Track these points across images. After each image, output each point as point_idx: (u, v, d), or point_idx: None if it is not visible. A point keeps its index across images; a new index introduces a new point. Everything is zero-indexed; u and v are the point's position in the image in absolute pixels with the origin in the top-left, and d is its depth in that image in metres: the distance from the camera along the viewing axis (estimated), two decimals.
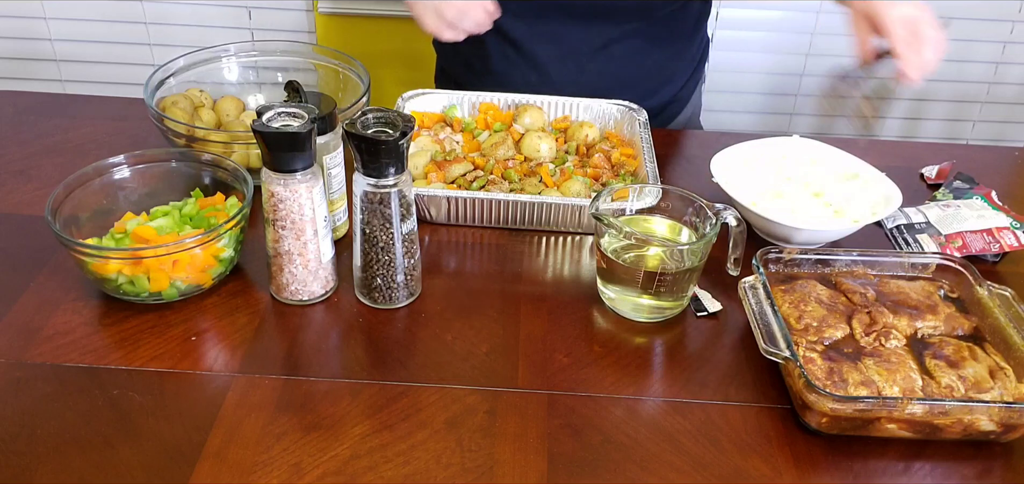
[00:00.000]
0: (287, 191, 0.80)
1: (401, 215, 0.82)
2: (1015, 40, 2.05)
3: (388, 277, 0.85)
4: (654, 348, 0.84)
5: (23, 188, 1.04)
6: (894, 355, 0.77)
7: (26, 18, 2.04)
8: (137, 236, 0.85)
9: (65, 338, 0.81)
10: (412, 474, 0.69)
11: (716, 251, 0.88)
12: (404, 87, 1.18)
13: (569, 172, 1.04)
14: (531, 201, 0.96)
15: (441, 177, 1.01)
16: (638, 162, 1.06)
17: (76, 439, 0.70)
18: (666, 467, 0.71)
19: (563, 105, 1.16)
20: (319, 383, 0.77)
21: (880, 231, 1.03)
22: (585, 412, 0.75)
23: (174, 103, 1.08)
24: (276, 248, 0.83)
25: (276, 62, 1.20)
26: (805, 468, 0.71)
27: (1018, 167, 1.23)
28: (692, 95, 1.35)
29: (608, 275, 0.87)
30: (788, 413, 0.76)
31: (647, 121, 1.10)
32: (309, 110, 0.81)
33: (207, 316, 0.85)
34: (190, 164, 0.95)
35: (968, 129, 2.20)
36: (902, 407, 0.70)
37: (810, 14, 2.01)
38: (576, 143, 1.11)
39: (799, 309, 0.81)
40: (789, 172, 1.07)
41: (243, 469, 0.68)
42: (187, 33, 2.04)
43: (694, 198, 0.88)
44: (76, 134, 1.16)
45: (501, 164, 1.05)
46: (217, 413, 0.73)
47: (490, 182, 1.01)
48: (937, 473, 0.72)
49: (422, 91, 1.16)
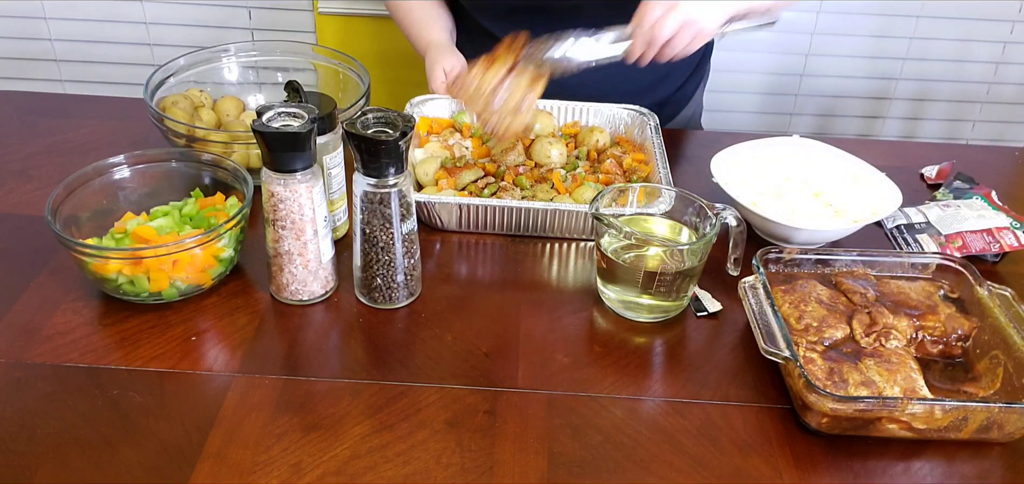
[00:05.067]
0: (287, 191, 0.80)
1: (401, 215, 0.82)
2: (1015, 40, 2.04)
3: (388, 277, 0.85)
4: (654, 348, 0.84)
5: (23, 188, 1.04)
6: (894, 355, 0.77)
7: (26, 18, 2.04)
8: (137, 236, 0.85)
9: (65, 338, 0.81)
10: (412, 474, 0.69)
11: (716, 251, 0.88)
12: (404, 87, 1.19)
13: (581, 178, 1.03)
14: (544, 208, 0.95)
15: (451, 184, 1.01)
16: (650, 167, 1.05)
17: (76, 439, 0.70)
18: (666, 467, 0.71)
19: (572, 110, 1.16)
20: (319, 383, 0.77)
21: (880, 231, 1.03)
22: (585, 412, 0.75)
23: (174, 103, 1.08)
24: (276, 248, 0.83)
25: (276, 62, 1.20)
26: (805, 468, 0.71)
27: (1018, 167, 1.23)
28: (693, 95, 1.35)
29: (608, 275, 0.87)
30: (788, 413, 0.76)
31: (658, 125, 1.10)
32: (309, 110, 0.81)
33: (207, 316, 0.84)
34: (190, 164, 0.95)
35: (968, 129, 2.20)
36: (902, 407, 0.70)
37: (810, 14, 2.01)
38: (586, 148, 1.11)
39: (799, 309, 0.81)
40: (789, 172, 1.07)
41: (243, 469, 0.68)
42: (187, 33, 2.03)
43: (694, 198, 0.88)
44: (76, 134, 1.16)
45: (512, 170, 1.04)
46: (217, 413, 0.73)
47: (501, 189, 1.01)
48: (937, 473, 0.72)
49: (431, 96, 1.16)
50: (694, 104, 1.37)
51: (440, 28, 1.26)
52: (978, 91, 2.13)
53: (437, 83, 1.17)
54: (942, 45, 2.04)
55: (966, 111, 2.16)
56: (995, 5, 1.99)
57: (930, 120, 2.17)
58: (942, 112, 2.16)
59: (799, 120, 2.16)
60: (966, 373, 0.80)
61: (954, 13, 2.00)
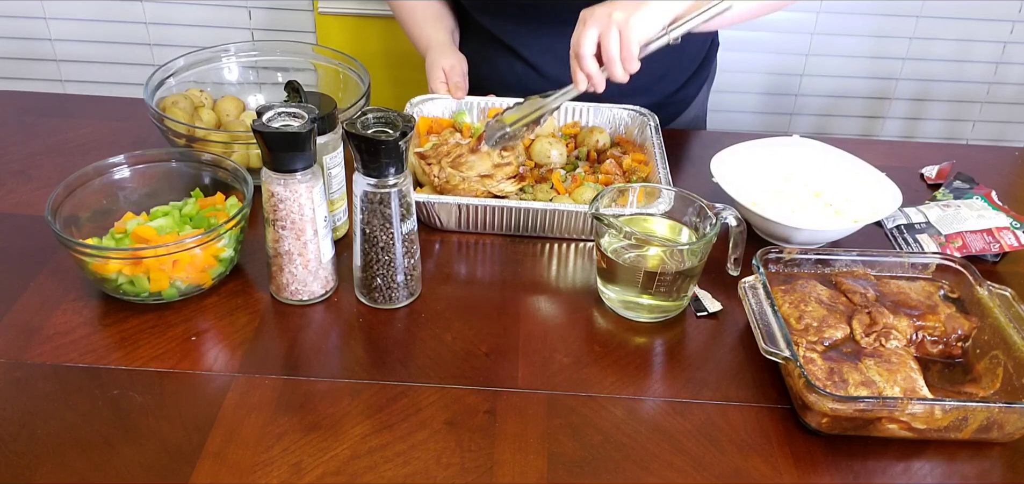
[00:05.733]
0: (287, 191, 0.80)
1: (401, 215, 0.82)
2: (1015, 40, 2.04)
3: (388, 277, 0.85)
4: (654, 348, 0.84)
5: (23, 188, 1.04)
6: (894, 355, 0.77)
7: (26, 18, 2.04)
8: (137, 236, 0.85)
9: (65, 338, 0.81)
10: (412, 474, 0.69)
11: (716, 251, 0.88)
12: (404, 87, 1.19)
13: (580, 178, 1.03)
14: (543, 209, 0.95)
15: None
16: (650, 168, 1.05)
17: (76, 439, 0.70)
18: (666, 467, 0.71)
19: (573, 110, 1.16)
20: (319, 383, 0.77)
21: (880, 231, 1.03)
22: (585, 412, 0.75)
23: (174, 103, 1.08)
24: (276, 248, 0.83)
25: (276, 62, 1.20)
26: (805, 468, 0.71)
27: (1018, 167, 1.23)
28: (696, 97, 1.34)
29: (608, 275, 0.87)
30: (788, 413, 0.76)
31: (658, 126, 1.10)
32: (309, 110, 0.81)
33: (207, 316, 0.84)
34: (190, 164, 0.95)
35: (968, 129, 2.19)
36: (902, 407, 0.70)
37: (810, 14, 2.00)
38: (586, 149, 1.10)
39: (799, 309, 0.81)
40: (789, 172, 1.07)
41: (243, 469, 0.68)
42: (187, 33, 2.03)
43: (694, 198, 0.88)
44: (76, 134, 1.16)
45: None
46: (217, 413, 0.73)
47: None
48: (937, 473, 0.72)
49: (431, 96, 1.16)
50: (698, 106, 1.35)
51: (441, 28, 1.26)
52: (978, 91, 2.12)
53: (437, 83, 1.17)
54: (942, 45, 2.04)
55: (966, 111, 2.16)
56: (995, 5, 1.99)
57: (930, 120, 2.17)
58: (942, 112, 2.16)
59: (799, 120, 2.16)
60: (966, 373, 0.80)
61: (954, 13, 2.00)
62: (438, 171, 0.99)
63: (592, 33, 0.94)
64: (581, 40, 0.95)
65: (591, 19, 0.95)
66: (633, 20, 0.93)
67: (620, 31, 0.93)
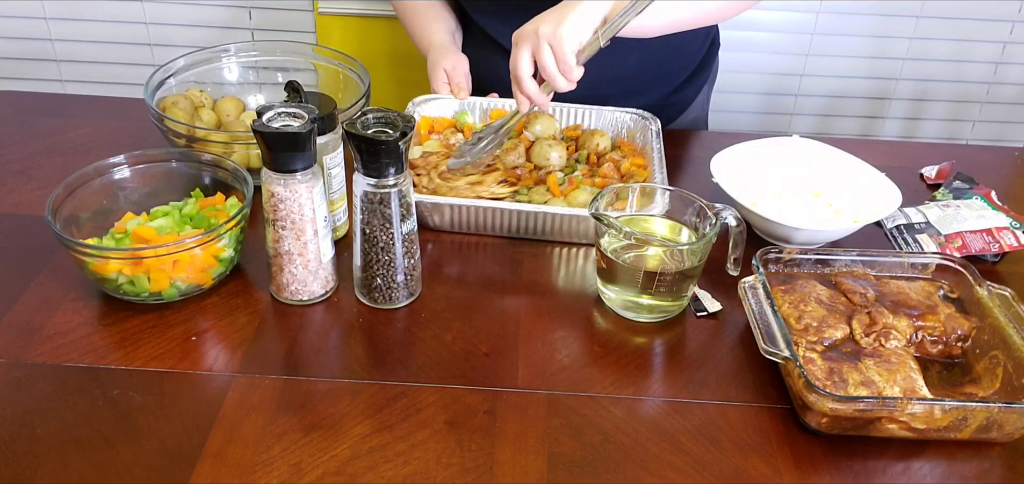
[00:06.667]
0: (287, 191, 0.80)
1: (401, 215, 0.82)
2: (1015, 40, 2.04)
3: (388, 277, 0.85)
4: (654, 348, 0.84)
5: (23, 188, 1.04)
6: (894, 355, 0.77)
7: (26, 18, 2.04)
8: (137, 236, 0.85)
9: (65, 338, 0.81)
10: (412, 474, 0.69)
11: (716, 251, 0.88)
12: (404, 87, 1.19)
13: (577, 181, 1.03)
14: (535, 211, 0.95)
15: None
16: (648, 172, 1.05)
17: (76, 439, 0.70)
18: (666, 467, 0.71)
19: (574, 113, 1.15)
20: (319, 383, 0.77)
21: (880, 231, 1.04)
22: (585, 412, 0.75)
23: (174, 103, 1.08)
24: (276, 248, 0.83)
25: (276, 62, 1.20)
26: (805, 468, 0.72)
27: (1018, 167, 1.23)
28: (696, 98, 1.33)
29: (608, 275, 0.87)
30: (788, 413, 0.76)
31: (660, 130, 1.09)
32: (309, 110, 0.81)
33: (207, 316, 0.85)
34: (190, 164, 0.95)
35: (968, 129, 2.19)
36: (902, 407, 0.70)
37: (810, 14, 2.00)
38: (587, 152, 1.10)
39: (799, 309, 0.81)
40: (789, 172, 1.07)
41: (243, 469, 0.68)
42: (187, 33, 2.03)
43: (694, 198, 0.88)
44: (76, 134, 1.16)
45: (511, 172, 1.04)
46: (217, 413, 0.73)
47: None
48: (937, 473, 0.72)
49: (432, 96, 1.16)
50: (699, 106, 1.35)
51: (443, 28, 1.26)
52: (978, 91, 2.12)
53: (439, 83, 1.17)
54: (942, 45, 2.04)
55: (966, 111, 2.16)
56: (995, 5, 1.99)
57: (930, 120, 2.17)
58: (942, 112, 2.16)
59: (799, 120, 2.16)
60: (966, 373, 0.80)
61: (954, 13, 2.00)
62: (427, 181, 1.00)
63: (525, 54, 0.96)
64: (516, 62, 0.96)
65: (521, 40, 0.96)
66: (561, 31, 0.93)
67: (551, 44, 0.94)
